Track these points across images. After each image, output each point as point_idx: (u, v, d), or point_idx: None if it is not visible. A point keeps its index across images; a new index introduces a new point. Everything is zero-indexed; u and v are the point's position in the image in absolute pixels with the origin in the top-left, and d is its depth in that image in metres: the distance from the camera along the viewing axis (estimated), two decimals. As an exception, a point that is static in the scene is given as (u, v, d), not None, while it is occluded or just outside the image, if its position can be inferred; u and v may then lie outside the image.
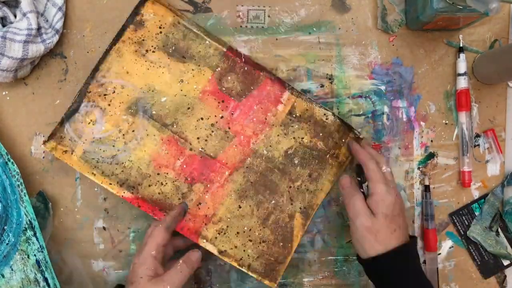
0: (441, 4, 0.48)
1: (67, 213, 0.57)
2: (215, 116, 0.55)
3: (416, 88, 0.58)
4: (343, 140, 0.56)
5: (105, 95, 0.55)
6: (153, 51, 0.55)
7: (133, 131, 0.55)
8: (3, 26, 0.53)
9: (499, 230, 0.58)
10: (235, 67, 0.55)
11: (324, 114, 0.56)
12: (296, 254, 0.58)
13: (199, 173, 0.55)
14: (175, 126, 0.55)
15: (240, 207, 0.55)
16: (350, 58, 0.58)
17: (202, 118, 0.55)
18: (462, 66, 0.57)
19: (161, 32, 0.55)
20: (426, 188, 0.58)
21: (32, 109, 0.57)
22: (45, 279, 0.53)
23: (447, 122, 0.58)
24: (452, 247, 0.59)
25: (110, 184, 0.54)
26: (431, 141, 0.58)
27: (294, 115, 0.56)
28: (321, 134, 0.56)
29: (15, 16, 0.53)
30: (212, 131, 0.55)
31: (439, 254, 0.58)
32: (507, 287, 0.59)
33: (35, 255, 0.53)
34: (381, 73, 0.58)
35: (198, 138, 0.55)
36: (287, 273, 0.58)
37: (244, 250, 0.55)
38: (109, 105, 0.55)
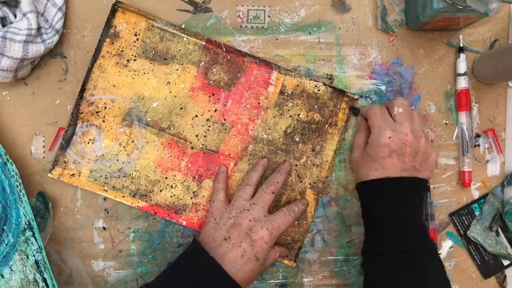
0: (441, 4, 0.48)
1: (67, 213, 0.57)
2: (209, 110, 0.56)
3: (416, 88, 0.58)
4: (338, 106, 0.56)
5: (97, 112, 0.55)
6: (134, 60, 0.55)
7: (132, 141, 0.55)
8: (3, 26, 0.53)
9: (499, 230, 0.58)
10: (218, 58, 0.56)
11: (315, 86, 0.56)
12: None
13: (205, 169, 0.56)
14: (172, 129, 0.55)
15: None
16: (350, 58, 0.58)
17: (196, 116, 0.56)
18: (462, 66, 0.57)
19: (137, 40, 0.55)
20: (426, 188, 0.58)
21: (32, 109, 0.57)
22: (44, 280, 0.53)
23: (447, 122, 0.58)
24: (452, 247, 0.59)
25: (123, 197, 0.55)
26: (431, 141, 0.58)
27: (286, 94, 0.56)
28: (316, 106, 0.56)
29: (15, 16, 0.53)
30: (209, 126, 0.56)
31: (439, 254, 0.58)
32: (507, 287, 0.59)
33: (34, 255, 0.52)
34: (381, 73, 0.58)
35: (197, 135, 0.55)
36: (287, 273, 0.58)
37: None
38: (103, 121, 0.55)
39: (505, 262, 0.59)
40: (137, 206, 0.55)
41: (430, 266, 0.48)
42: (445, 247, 0.59)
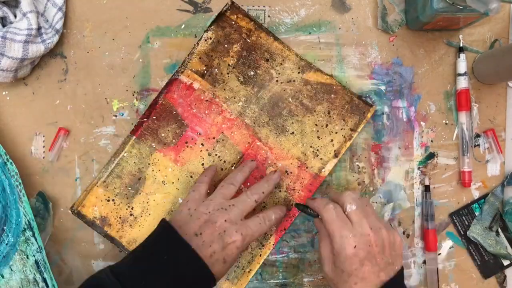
0: (441, 4, 0.48)
1: (67, 213, 0.57)
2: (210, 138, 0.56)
3: (416, 88, 0.58)
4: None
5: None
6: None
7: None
8: (3, 26, 0.53)
9: (499, 230, 0.58)
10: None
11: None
12: (296, 254, 0.58)
13: (254, 178, 0.56)
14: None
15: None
16: (350, 58, 0.58)
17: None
18: (462, 66, 0.57)
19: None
20: (426, 188, 0.58)
21: (32, 109, 0.57)
22: (44, 280, 0.53)
23: (447, 122, 0.58)
24: (452, 247, 0.59)
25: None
26: (431, 141, 0.58)
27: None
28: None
29: (15, 16, 0.53)
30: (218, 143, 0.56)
31: (439, 254, 0.58)
32: (507, 287, 0.59)
33: (34, 255, 0.52)
34: (381, 73, 0.58)
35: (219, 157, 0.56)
36: (287, 273, 0.58)
37: None
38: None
39: (505, 262, 0.59)
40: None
41: None
42: (445, 247, 0.59)
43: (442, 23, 0.53)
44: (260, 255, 0.56)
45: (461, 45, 0.58)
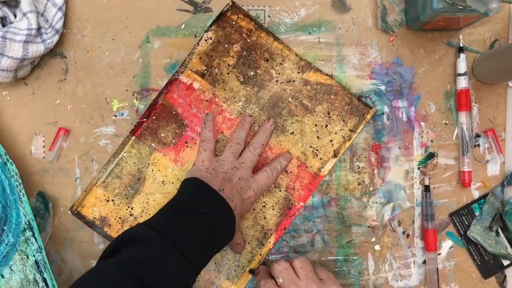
0: (441, 4, 0.48)
1: (67, 213, 0.57)
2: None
3: (416, 88, 0.58)
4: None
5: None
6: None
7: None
8: (3, 26, 0.53)
9: (499, 230, 0.58)
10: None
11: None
12: (296, 254, 0.58)
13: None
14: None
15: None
16: (350, 58, 0.58)
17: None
18: (462, 66, 0.57)
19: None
20: (426, 188, 0.58)
21: (32, 109, 0.57)
22: (44, 280, 0.53)
23: (447, 122, 0.58)
24: (452, 247, 0.59)
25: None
26: (431, 141, 0.58)
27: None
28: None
29: (15, 16, 0.53)
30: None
31: (439, 254, 0.58)
32: (507, 287, 0.59)
33: (34, 255, 0.52)
34: (381, 73, 0.58)
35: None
36: (287, 273, 0.58)
37: None
38: None
39: (505, 262, 0.59)
40: None
41: None
42: (445, 247, 0.59)
43: (442, 23, 0.53)
44: (260, 254, 0.56)
45: (461, 45, 0.58)
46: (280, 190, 0.56)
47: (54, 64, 0.57)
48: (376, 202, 0.58)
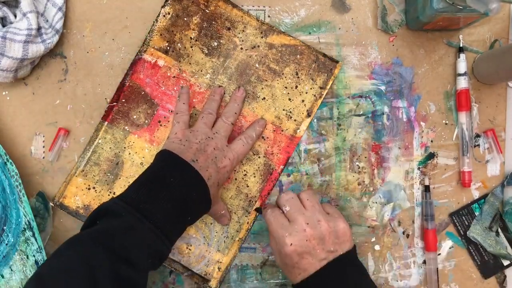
0: (441, 4, 0.48)
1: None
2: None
3: (416, 88, 0.58)
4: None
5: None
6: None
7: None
8: (3, 26, 0.53)
9: (499, 230, 0.58)
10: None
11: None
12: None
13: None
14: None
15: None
16: (350, 58, 0.58)
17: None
18: (462, 66, 0.57)
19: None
20: (426, 188, 0.58)
21: (32, 109, 0.57)
22: (45, 280, 0.53)
23: (447, 122, 0.58)
24: (452, 247, 0.59)
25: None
26: (431, 141, 0.58)
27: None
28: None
29: (15, 16, 0.53)
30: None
31: (439, 254, 0.58)
32: (507, 287, 0.59)
33: (34, 255, 0.52)
34: (381, 73, 0.58)
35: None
36: (287, 273, 0.58)
37: None
38: None
39: (505, 262, 0.59)
40: None
41: None
42: (445, 247, 0.59)
43: (442, 23, 0.53)
44: (248, 223, 0.56)
45: (461, 45, 0.58)
46: (259, 157, 0.56)
47: (54, 64, 0.57)
48: (376, 202, 0.58)
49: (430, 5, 0.48)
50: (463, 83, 0.57)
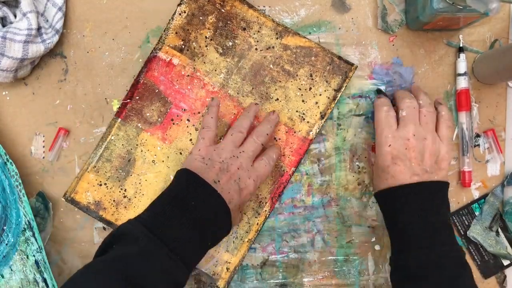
0: (441, 4, 0.48)
1: (67, 213, 0.57)
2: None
3: (416, 88, 0.58)
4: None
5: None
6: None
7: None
8: (3, 26, 0.53)
9: (499, 230, 0.58)
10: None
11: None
12: (296, 254, 0.58)
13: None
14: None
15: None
16: (350, 58, 0.58)
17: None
18: (462, 66, 0.57)
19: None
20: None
21: (32, 109, 0.57)
22: (44, 280, 0.53)
23: (447, 122, 0.58)
24: (452, 247, 0.59)
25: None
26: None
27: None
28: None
29: (15, 16, 0.53)
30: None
31: (439, 254, 0.58)
32: (507, 287, 0.59)
33: (34, 255, 0.53)
34: (381, 73, 0.58)
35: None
36: (287, 273, 0.58)
37: None
38: None
39: (505, 262, 0.59)
40: None
41: (461, 279, 0.47)
42: (445, 247, 0.59)
43: (442, 23, 0.53)
44: (257, 224, 0.56)
45: (461, 45, 0.58)
46: None
47: (54, 64, 0.57)
48: (376, 202, 0.58)
49: (430, 5, 0.48)
50: (463, 83, 0.57)
